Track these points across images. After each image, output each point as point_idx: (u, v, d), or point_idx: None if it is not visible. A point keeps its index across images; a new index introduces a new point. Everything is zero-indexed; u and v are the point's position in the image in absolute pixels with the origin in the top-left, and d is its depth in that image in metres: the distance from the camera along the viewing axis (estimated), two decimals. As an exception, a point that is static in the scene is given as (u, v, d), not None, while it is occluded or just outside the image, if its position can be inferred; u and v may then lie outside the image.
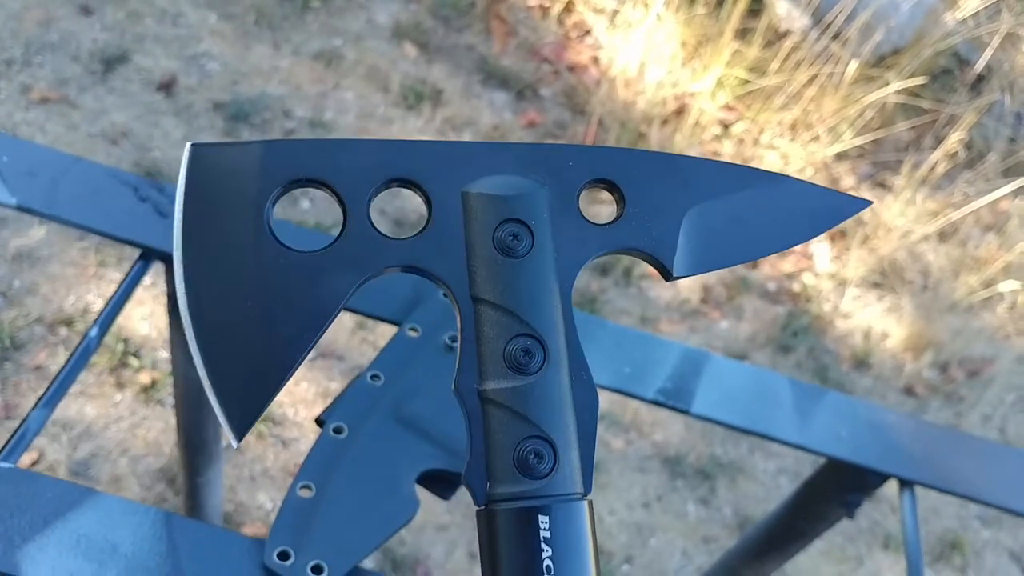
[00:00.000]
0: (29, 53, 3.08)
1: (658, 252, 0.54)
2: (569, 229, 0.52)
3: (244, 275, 0.50)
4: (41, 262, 2.63)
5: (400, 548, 2.41)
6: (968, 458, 1.37)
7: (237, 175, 0.51)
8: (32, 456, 2.32)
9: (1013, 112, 3.75)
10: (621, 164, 0.55)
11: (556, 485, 0.49)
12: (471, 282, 0.51)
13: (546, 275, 0.51)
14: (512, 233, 0.51)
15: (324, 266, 0.51)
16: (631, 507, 2.67)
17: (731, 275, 3.27)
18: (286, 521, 1.01)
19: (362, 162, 0.52)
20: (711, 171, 0.57)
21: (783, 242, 0.58)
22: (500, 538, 0.48)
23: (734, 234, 0.56)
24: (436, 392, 1.16)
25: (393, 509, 1.05)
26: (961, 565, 2.84)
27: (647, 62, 3.56)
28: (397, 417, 1.12)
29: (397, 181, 0.52)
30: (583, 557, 0.48)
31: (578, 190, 0.54)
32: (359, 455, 1.07)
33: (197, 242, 0.50)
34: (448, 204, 0.52)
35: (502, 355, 0.50)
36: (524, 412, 0.49)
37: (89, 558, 0.94)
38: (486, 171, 0.53)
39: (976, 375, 3.26)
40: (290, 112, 3.21)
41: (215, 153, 0.52)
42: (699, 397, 1.28)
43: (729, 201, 0.56)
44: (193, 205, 0.51)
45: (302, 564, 0.98)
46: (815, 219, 0.58)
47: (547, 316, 0.51)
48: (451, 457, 1.10)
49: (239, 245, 0.50)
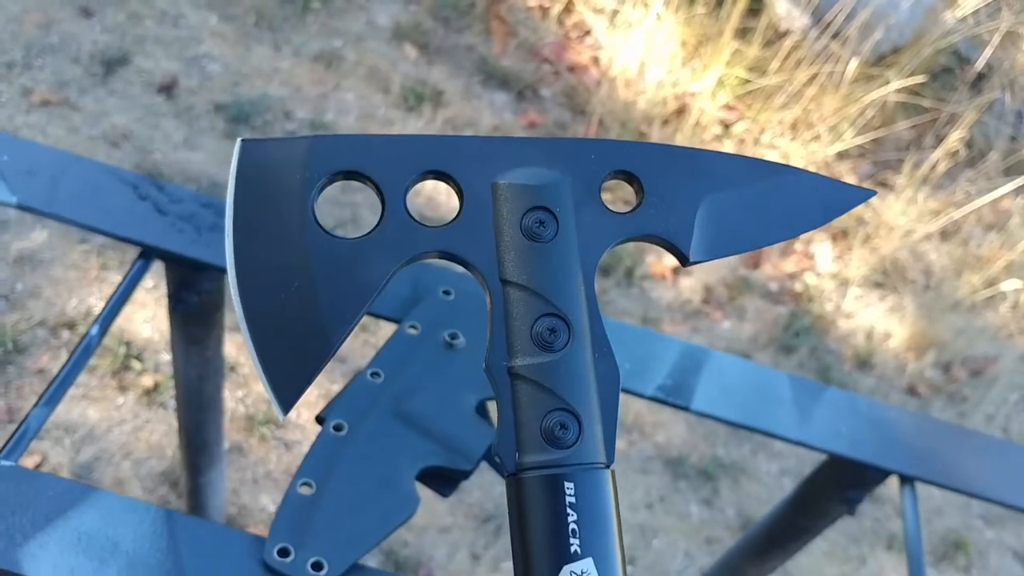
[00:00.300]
0: (30, 56, 3.09)
1: (675, 238, 0.58)
2: (592, 217, 0.56)
3: (291, 260, 0.54)
4: (43, 265, 2.63)
5: (403, 550, 2.41)
6: (969, 454, 1.37)
7: (284, 168, 0.55)
8: (35, 459, 2.32)
9: (1014, 110, 3.75)
10: (640, 156, 0.58)
11: (581, 454, 0.52)
12: (500, 266, 0.54)
13: (570, 259, 0.55)
14: (539, 220, 0.55)
15: (365, 252, 0.54)
16: (634, 508, 2.67)
17: (733, 275, 3.27)
18: (286, 518, 1.01)
19: (399, 156, 0.56)
20: (725, 163, 0.60)
21: (792, 230, 0.61)
22: (528, 504, 0.51)
23: (746, 222, 0.59)
24: (436, 389, 1.16)
25: (393, 506, 1.05)
26: (965, 565, 2.83)
27: (647, 62, 3.56)
28: (397, 414, 1.12)
29: (432, 173, 0.57)
30: (607, 522, 0.51)
31: (600, 181, 0.57)
32: (359, 452, 1.07)
33: (247, 230, 0.54)
34: (479, 194, 0.56)
35: (530, 334, 0.53)
36: (551, 386, 0.52)
37: (90, 555, 0.94)
38: (514, 163, 0.56)
39: (979, 374, 3.25)
40: (291, 113, 3.21)
41: (263, 148, 0.56)
42: (699, 393, 1.27)
43: (742, 191, 0.59)
44: (243, 196, 0.54)
45: (302, 561, 0.98)
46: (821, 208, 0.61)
47: (571, 297, 0.54)
48: (451, 454, 1.10)
49: (286, 233, 0.54)
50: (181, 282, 1.29)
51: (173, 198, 1.24)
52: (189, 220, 1.23)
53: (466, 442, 1.11)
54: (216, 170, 2.97)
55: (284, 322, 0.54)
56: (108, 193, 1.23)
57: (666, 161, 0.59)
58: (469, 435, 1.12)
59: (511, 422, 0.53)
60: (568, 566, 0.50)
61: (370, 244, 0.55)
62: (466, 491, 2.54)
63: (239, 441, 2.48)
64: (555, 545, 0.50)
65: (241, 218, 0.54)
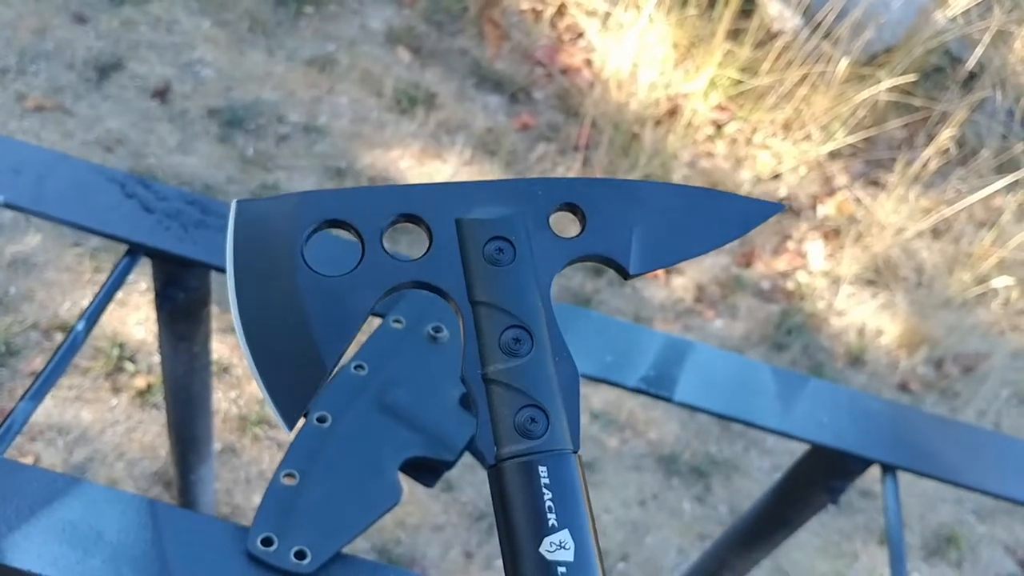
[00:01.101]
0: (24, 61, 3.10)
1: (616, 257, 0.67)
2: (543, 243, 0.65)
3: (285, 298, 0.62)
4: (36, 268, 2.64)
5: (396, 548, 2.43)
6: (951, 443, 1.38)
7: (275, 222, 0.64)
8: (28, 461, 2.34)
9: (1005, 109, 3.77)
10: (581, 190, 0.68)
11: (550, 442, 0.59)
12: (469, 289, 0.63)
13: (528, 279, 0.63)
14: (498, 248, 0.64)
15: (349, 287, 0.63)
16: (627, 505, 2.68)
17: (725, 274, 3.28)
18: (270, 508, 1.02)
19: (374, 205, 0.65)
20: (654, 190, 0.69)
21: (714, 242, 0.70)
22: (509, 488, 0.58)
23: (675, 238, 0.69)
24: (419, 381, 1.17)
25: (376, 495, 1.06)
26: (957, 559, 2.84)
27: (639, 64, 3.58)
28: (380, 406, 1.13)
29: (403, 216, 0.65)
30: (578, 498, 0.58)
31: (548, 213, 0.66)
32: (342, 443, 1.09)
33: (246, 275, 0.63)
34: (445, 230, 0.64)
35: (498, 344, 0.61)
36: (520, 386, 0.60)
37: (74, 545, 0.95)
38: (474, 203, 0.65)
39: (971, 371, 3.27)
40: (284, 118, 3.22)
41: (256, 207, 0.65)
42: (681, 384, 1.29)
43: (669, 213, 0.69)
44: (241, 247, 0.63)
45: (285, 549, 0.99)
46: (738, 223, 0.70)
47: (532, 310, 0.62)
48: (434, 444, 1.11)
49: (280, 275, 0.62)
50: (168, 279, 1.30)
51: (159, 196, 1.26)
52: (175, 217, 1.24)
53: (449, 433, 1.12)
54: (210, 174, 2.99)
55: (283, 351, 0.62)
56: (94, 191, 1.24)
57: (604, 193, 0.68)
58: (452, 426, 1.13)
59: (488, 421, 0.60)
60: (548, 537, 0.57)
61: (353, 280, 0.63)
62: (459, 489, 2.55)
63: (232, 441, 2.49)
64: (535, 521, 0.57)
65: (241, 266, 0.63)
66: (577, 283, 3.06)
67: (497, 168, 3.31)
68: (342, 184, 3.10)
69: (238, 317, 0.62)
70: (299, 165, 3.11)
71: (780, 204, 0.73)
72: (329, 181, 3.09)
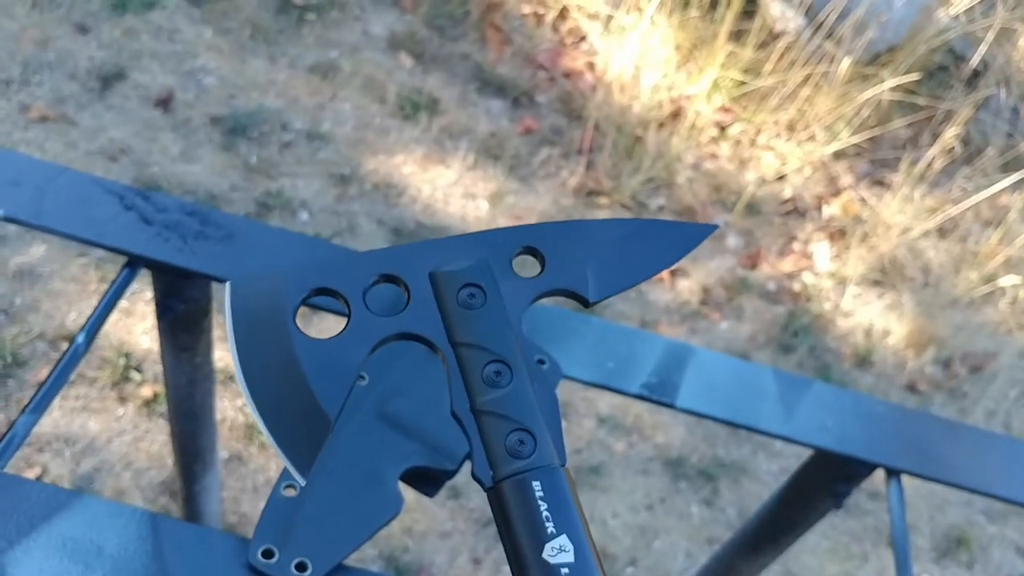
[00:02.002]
0: (27, 72, 3.11)
1: (576, 288, 0.73)
2: (510, 284, 0.71)
3: (285, 363, 0.68)
4: (43, 279, 2.65)
5: (404, 555, 2.42)
6: (956, 446, 1.37)
7: (267, 296, 0.70)
8: (36, 471, 2.34)
9: (1010, 106, 3.76)
10: (538, 235, 0.74)
11: (539, 459, 0.65)
12: (449, 333, 0.69)
13: (500, 317, 0.70)
14: (471, 293, 0.70)
15: (340, 347, 0.68)
16: (634, 510, 2.68)
17: (731, 276, 3.28)
18: (270, 520, 1.02)
19: (355, 271, 0.71)
20: (601, 227, 0.76)
21: (661, 265, 0.77)
22: (508, 505, 0.64)
23: (625, 266, 0.75)
24: (420, 391, 1.16)
25: (377, 506, 1.06)
26: (968, 561, 2.83)
27: (642, 66, 3.58)
28: (381, 416, 1.13)
29: (383, 277, 0.71)
30: (571, 506, 0.64)
31: (510, 258, 0.73)
32: (344, 454, 1.08)
33: (247, 346, 0.69)
34: (421, 284, 0.70)
35: (481, 378, 0.67)
36: (505, 413, 0.66)
37: (75, 560, 0.95)
38: (445, 257, 0.72)
39: (979, 370, 3.26)
40: (287, 125, 3.23)
41: (249, 283, 0.71)
42: (684, 390, 1.28)
43: (617, 245, 0.75)
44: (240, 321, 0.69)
45: (286, 561, 0.99)
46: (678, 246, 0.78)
47: (507, 344, 0.69)
48: (434, 454, 1.11)
49: (277, 343, 0.68)
50: (167, 290, 1.30)
51: (158, 207, 1.26)
52: (175, 229, 1.24)
53: (449, 443, 1.12)
54: (214, 182, 2.99)
55: (289, 410, 0.68)
56: (94, 203, 1.24)
57: (558, 234, 0.75)
58: (453, 436, 1.13)
59: (482, 448, 0.66)
60: (548, 543, 0.62)
61: (343, 341, 0.69)
62: (466, 496, 2.55)
63: (239, 450, 2.49)
64: (535, 531, 0.63)
65: (242, 338, 0.69)
66: (582, 287, 3.05)
67: (501, 173, 3.31)
68: (346, 192, 3.10)
69: (244, 384, 0.68)
70: (303, 172, 3.11)
71: (714, 225, 0.81)
72: (333, 188, 3.09)
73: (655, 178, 3.42)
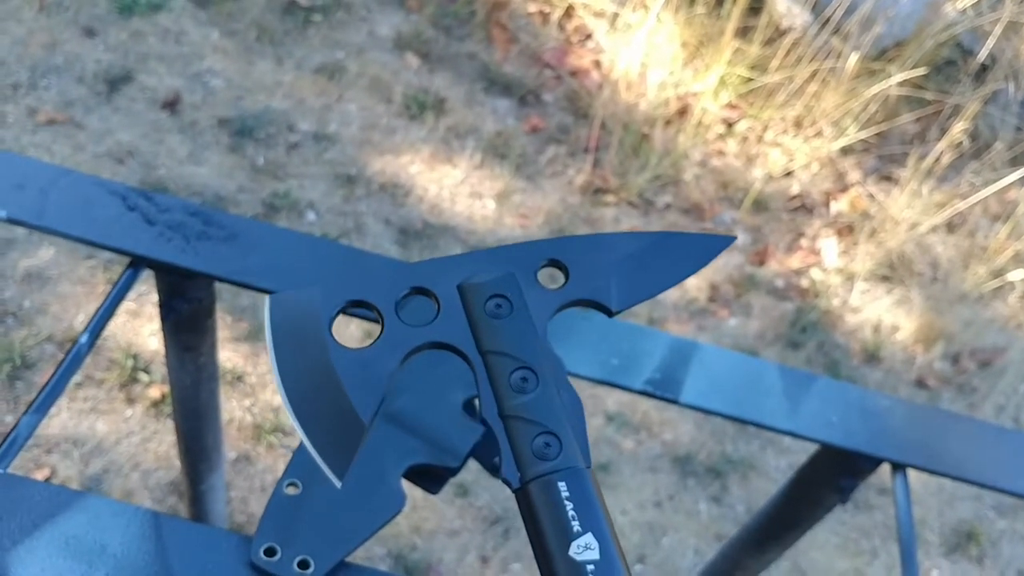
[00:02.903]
0: (35, 76, 3.12)
1: (599, 299, 0.76)
2: (535, 295, 0.74)
3: (322, 374, 0.71)
4: (51, 282, 2.66)
5: (412, 553, 2.43)
6: (961, 440, 1.37)
7: (304, 310, 0.73)
8: (45, 473, 2.35)
9: (1018, 100, 3.74)
10: (561, 248, 0.77)
11: (565, 461, 0.68)
12: (477, 342, 0.72)
13: (527, 326, 0.72)
14: (497, 304, 0.73)
15: (373, 356, 0.72)
16: (643, 507, 2.67)
17: (739, 273, 3.27)
18: (272, 518, 1.02)
19: (388, 284, 0.74)
20: (623, 239, 0.79)
21: (680, 275, 0.79)
22: (536, 505, 0.67)
23: (646, 277, 0.78)
24: (422, 388, 1.17)
25: (379, 504, 1.06)
26: (978, 555, 2.83)
27: (648, 64, 3.57)
28: (383, 413, 1.13)
29: (414, 289, 0.74)
30: (596, 505, 0.66)
31: (536, 270, 0.76)
32: (346, 452, 1.08)
33: (286, 359, 0.72)
34: (450, 295, 0.74)
35: (509, 384, 0.71)
36: (532, 418, 0.69)
37: (78, 559, 0.95)
38: (472, 270, 0.75)
39: (988, 365, 3.25)
40: (294, 126, 3.23)
41: (286, 300, 0.74)
42: (688, 386, 1.28)
43: (639, 256, 0.78)
44: (279, 335, 0.73)
45: (288, 559, 0.99)
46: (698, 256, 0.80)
47: (533, 352, 0.72)
48: (437, 451, 1.11)
49: (314, 355, 0.72)
50: (171, 291, 1.30)
51: (161, 208, 1.26)
52: (177, 229, 1.24)
53: (453, 440, 1.12)
54: (221, 184, 3.00)
55: (326, 417, 0.71)
56: (97, 205, 1.25)
57: (581, 247, 0.78)
58: (456, 433, 1.13)
59: (510, 451, 0.69)
60: (575, 541, 0.65)
61: (376, 350, 0.72)
62: (474, 494, 2.55)
63: (247, 450, 2.50)
64: (562, 530, 0.65)
65: (281, 351, 0.73)
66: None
67: (507, 172, 3.31)
68: (353, 192, 3.10)
69: (284, 394, 0.72)
70: (310, 173, 3.12)
71: (732, 236, 0.83)
72: (340, 188, 3.10)
73: (662, 175, 3.42)
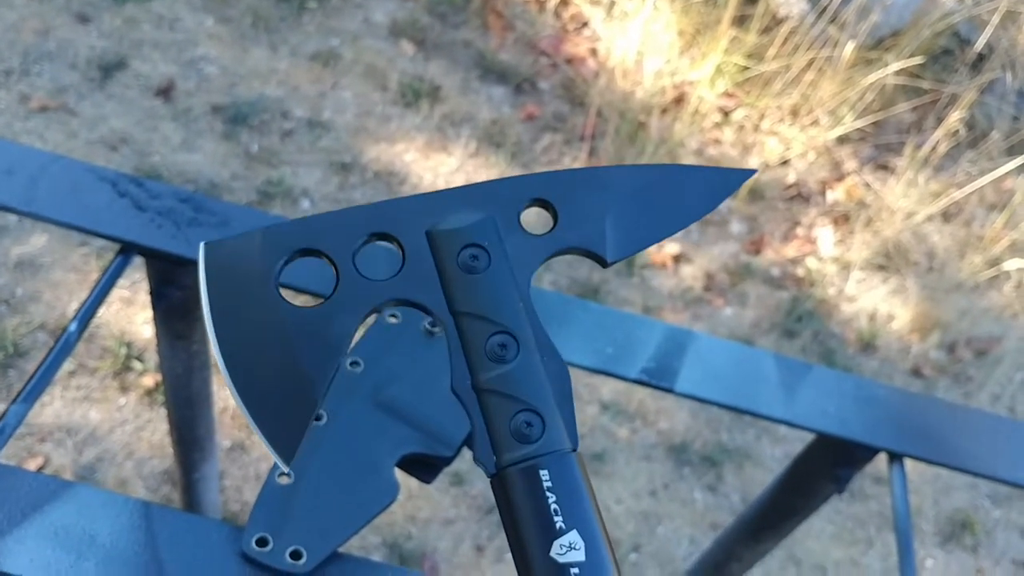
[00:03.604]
0: (27, 62, 3.10)
1: (592, 247, 0.66)
2: (517, 243, 0.64)
3: (267, 334, 0.61)
4: (43, 269, 2.64)
5: (407, 542, 2.42)
6: (959, 429, 1.36)
7: (245, 260, 0.63)
8: (38, 461, 2.34)
9: (1015, 90, 3.73)
10: (548, 184, 0.67)
11: (548, 444, 0.59)
12: (448, 300, 0.62)
13: (506, 282, 0.63)
14: (472, 255, 0.63)
15: (327, 315, 0.62)
16: (638, 496, 2.67)
17: (734, 262, 3.26)
18: (264, 508, 1.01)
19: (342, 228, 0.64)
20: (622, 174, 0.69)
21: (690, 217, 0.69)
22: (513, 495, 0.58)
23: (649, 219, 0.68)
24: (416, 376, 1.16)
25: (373, 493, 1.05)
26: (972, 544, 2.82)
27: (645, 52, 3.56)
28: (377, 402, 1.12)
29: (374, 235, 0.64)
30: (583, 498, 0.58)
31: (518, 212, 0.66)
32: (338, 441, 1.07)
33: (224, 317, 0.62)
34: (417, 244, 0.64)
35: (484, 352, 0.61)
36: (511, 392, 0.60)
37: (67, 549, 0.94)
38: (442, 213, 0.65)
39: (984, 354, 3.24)
40: (288, 113, 3.21)
41: (224, 247, 0.63)
42: (683, 375, 1.27)
43: (640, 195, 0.68)
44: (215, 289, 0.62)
45: (280, 550, 0.98)
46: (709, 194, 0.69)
47: (513, 314, 0.62)
48: (431, 441, 1.10)
49: (258, 313, 0.62)
50: (162, 278, 1.29)
51: (152, 194, 1.25)
52: (168, 215, 1.23)
53: (446, 429, 1.11)
54: (215, 171, 2.98)
55: (270, 387, 0.61)
56: (87, 191, 1.23)
57: (571, 184, 0.67)
58: (449, 422, 1.12)
59: (484, 430, 0.60)
60: (557, 540, 0.57)
61: (331, 308, 0.62)
62: (469, 483, 2.55)
63: (241, 439, 2.49)
64: (543, 526, 0.57)
65: (217, 308, 0.62)
66: (584, 274, 3.05)
67: (503, 160, 3.29)
68: (347, 180, 3.09)
69: (221, 359, 0.61)
70: (304, 160, 3.10)
71: (752, 169, 0.72)
72: (335, 176, 3.08)
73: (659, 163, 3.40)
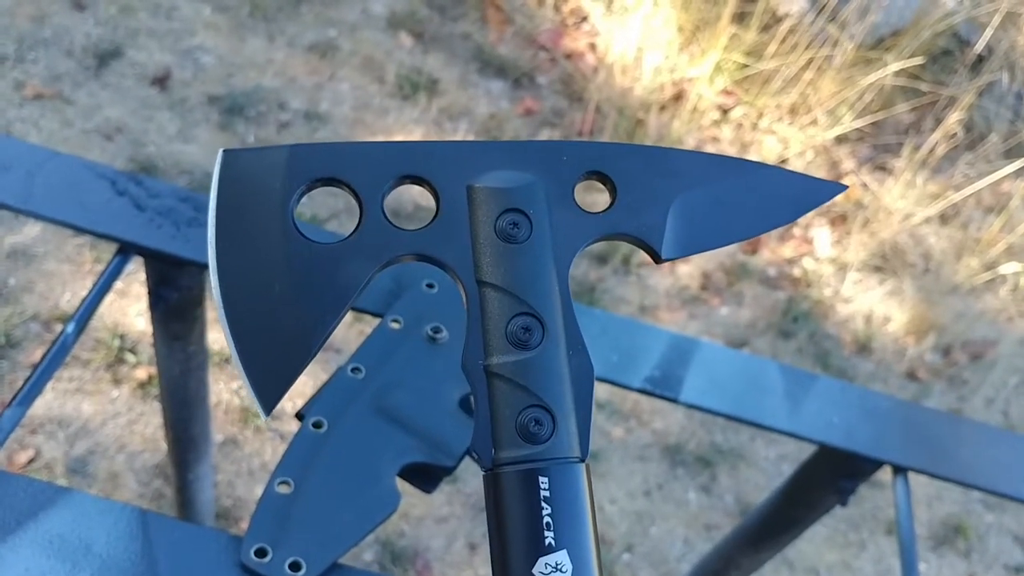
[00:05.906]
0: (22, 49, 3.07)
1: (648, 237, 0.59)
2: (565, 217, 0.57)
3: (272, 265, 0.55)
4: (36, 259, 2.62)
5: (400, 541, 2.41)
6: (963, 443, 1.35)
7: (265, 176, 0.57)
8: (29, 454, 2.32)
9: (1014, 92, 3.72)
10: (612, 157, 0.60)
11: (554, 449, 0.53)
12: (476, 267, 0.56)
13: (544, 259, 0.56)
14: (513, 222, 0.56)
15: (343, 256, 0.56)
16: (632, 496, 2.66)
17: (731, 261, 3.25)
18: (264, 518, 0.99)
19: (376, 162, 0.57)
20: (696, 161, 0.61)
21: (764, 225, 0.62)
22: (504, 498, 0.53)
23: (718, 219, 0.60)
24: (418, 384, 1.14)
25: (374, 503, 1.04)
26: (965, 549, 2.82)
27: (644, 48, 3.54)
28: (378, 410, 1.10)
29: (408, 178, 0.58)
30: (581, 515, 0.52)
31: (573, 182, 0.59)
32: (339, 449, 1.06)
33: (230, 236, 0.56)
34: (455, 197, 0.57)
35: (504, 333, 0.55)
36: (525, 383, 0.54)
37: (63, 558, 0.93)
38: (488, 167, 0.58)
39: (979, 358, 3.23)
40: (285, 104, 3.19)
41: (244, 157, 0.58)
42: (688, 385, 1.26)
43: (713, 189, 0.60)
44: (226, 204, 0.56)
45: (280, 561, 0.97)
46: (793, 204, 0.62)
47: (545, 296, 0.55)
48: (433, 450, 1.08)
49: (267, 239, 0.56)
50: (160, 278, 1.28)
51: (151, 193, 1.23)
52: (167, 215, 1.21)
53: (448, 438, 1.10)
54: (210, 162, 2.96)
55: (266, 325, 0.55)
56: (85, 189, 1.21)
57: (638, 161, 0.60)
58: (451, 431, 1.10)
59: (487, 419, 0.54)
60: (543, 558, 0.51)
61: (349, 248, 0.56)
62: (463, 481, 2.53)
63: (234, 433, 2.47)
64: (530, 538, 0.51)
65: (224, 225, 0.56)
66: (581, 271, 3.03)
67: (500, 155, 3.27)
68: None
69: (217, 283, 0.56)
70: (300, 153, 3.08)
71: (843, 184, 0.65)
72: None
73: (656, 161, 3.38)
